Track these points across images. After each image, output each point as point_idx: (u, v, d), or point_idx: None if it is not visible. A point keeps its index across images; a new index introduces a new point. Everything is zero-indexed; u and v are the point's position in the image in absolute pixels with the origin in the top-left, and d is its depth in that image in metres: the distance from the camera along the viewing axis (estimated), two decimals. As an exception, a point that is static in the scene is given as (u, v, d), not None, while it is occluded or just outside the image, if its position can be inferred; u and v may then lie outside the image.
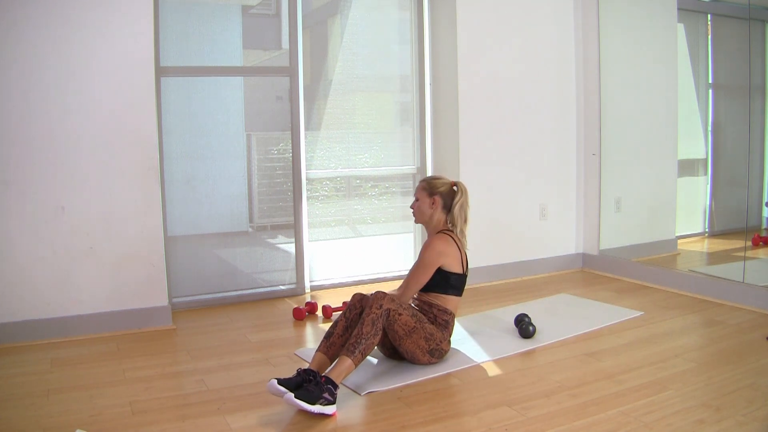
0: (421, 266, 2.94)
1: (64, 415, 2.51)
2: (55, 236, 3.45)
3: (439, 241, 2.96)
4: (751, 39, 4.19)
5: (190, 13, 4.11)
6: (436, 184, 3.07)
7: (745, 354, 3.03)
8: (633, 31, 4.91)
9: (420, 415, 2.46)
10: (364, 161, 4.71)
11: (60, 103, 3.41)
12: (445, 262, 2.94)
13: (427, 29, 4.73)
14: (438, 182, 3.08)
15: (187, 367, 3.06)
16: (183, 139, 4.11)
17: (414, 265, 2.99)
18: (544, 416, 2.43)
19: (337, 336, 2.75)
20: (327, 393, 2.44)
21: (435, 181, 3.08)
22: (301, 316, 3.83)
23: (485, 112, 4.58)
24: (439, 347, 2.91)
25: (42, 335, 3.42)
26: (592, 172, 4.91)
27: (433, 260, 2.93)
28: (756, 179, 4.39)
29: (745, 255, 4.13)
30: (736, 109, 4.70)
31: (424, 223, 3.09)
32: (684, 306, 3.90)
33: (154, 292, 3.67)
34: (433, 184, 3.07)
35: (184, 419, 2.47)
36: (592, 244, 4.95)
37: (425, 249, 2.96)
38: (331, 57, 4.65)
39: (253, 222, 4.50)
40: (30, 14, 3.32)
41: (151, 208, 3.63)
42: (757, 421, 2.33)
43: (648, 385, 2.69)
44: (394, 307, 2.71)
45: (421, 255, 2.96)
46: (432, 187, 3.05)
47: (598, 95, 4.80)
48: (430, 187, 3.06)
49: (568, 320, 3.65)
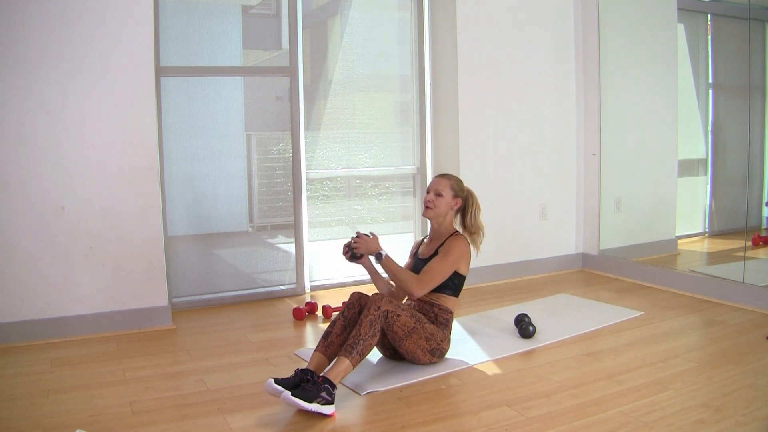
0: (449, 264, 2.92)
1: (64, 415, 2.51)
2: (55, 236, 3.45)
3: (465, 244, 2.98)
4: (751, 39, 4.19)
5: (190, 13, 4.11)
6: (462, 186, 3.08)
7: (745, 354, 3.03)
8: (633, 31, 4.91)
9: (420, 415, 2.46)
10: (364, 161, 4.71)
11: (60, 103, 3.41)
12: (462, 264, 2.96)
13: (427, 29, 4.73)
14: (462, 185, 3.09)
15: (187, 367, 3.06)
16: (183, 139, 4.11)
17: (439, 262, 2.92)
18: (544, 416, 2.43)
19: (335, 335, 2.75)
20: (324, 393, 2.44)
21: (461, 183, 3.09)
22: (301, 316, 3.83)
23: (485, 112, 4.58)
24: (439, 346, 2.91)
25: (42, 335, 3.42)
26: (592, 172, 4.91)
27: (458, 261, 2.94)
28: (756, 179, 4.39)
29: (745, 255, 4.13)
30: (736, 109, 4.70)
31: (437, 219, 3.04)
32: (684, 306, 3.90)
33: (154, 292, 3.67)
34: (460, 185, 3.07)
35: (184, 419, 2.47)
36: (592, 244, 4.95)
37: (454, 249, 2.93)
38: (331, 57, 4.65)
39: (253, 222, 4.50)
40: (30, 14, 3.32)
41: (151, 208, 3.63)
42: (757, 421, 2.33)
43: (648, 385, 2.69)
44: (392, 309, 2.71)
45: (450, 254, 2.92)
46: (459, 188, 3.06)
47: (598, 95, 4.80)
48: (458, 187, 3.06)
49: (568, 320, 3.65)
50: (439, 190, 3.03)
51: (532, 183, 4.80)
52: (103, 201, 3.53)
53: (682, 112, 4.89)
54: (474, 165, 4.53)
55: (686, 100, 4.90)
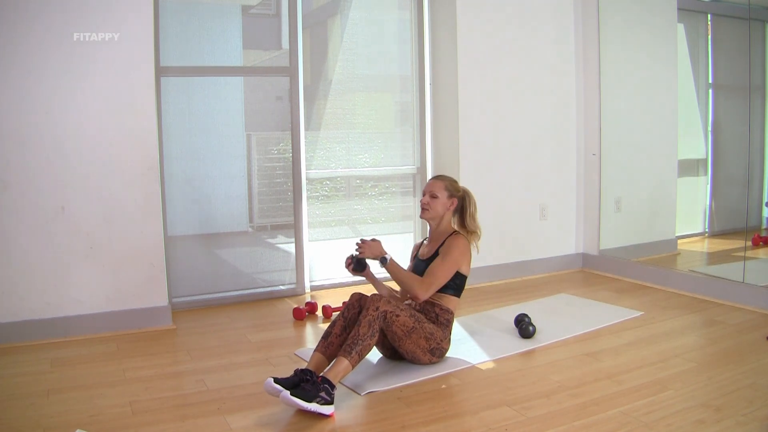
0: (451, 265, 2.93)
1: (64, 415, 2.51)
2: (55, 236, 3.45)
3: (465, 243, 2.98)
4: (751, 39, 4.19)
5: (190, 13, 4.11)
6: (457, 186, 3.10)
7: (745, 354, 3.03)
8: (633, 31, 4.91)
9: (420, 415, 2.46)
10: (364, 161, 4.71)
11: (60, 103, 3.41)
12: (464, 263, 2.97)
13: (427, 29, 4.73)
14: (457, 185, 3.10)
15: (187, 367, 3.06)
16: (183, 139, 4.11)
17: (441, 262, 2.92)
18: (544, 416, 2.43)
19: (335, 336, 2.75)
20: (324, 393, 2.44)
21: (455, 183, 3.10)
22: (301, 316, 3.83)
23: (485, 112, 4.58)
24: (439, 346, 2.91)
25: (42, 335, 3.42)
26: (592, 172, 4.91)
27: (459, 260, 2.95)
28: (756, 179, 4.39)
29: (745, 255, 4.13)
30: (736, 109, 4.70)
31: (434, 220, 3.07)
32: (684, 306, 3.90)
33: (154, 292, 3.67)
34: (455, 185, 3.09)
35: (184, 419, 2.47)
36: (592, 244, 4.95)
37: (454, 248, 2.94)
38: (331, 57, 4.65)
39: (253, 222, 4.50)
40: (30, 14, 3.32)
41: (151, 208, 3.63)
42: (757, 421, 2.33)
43: (648, 385, 2.69)
44: (390, 309, 2.71)
45: (450, 253, 2.93)
46: (454, 189, 3.07)
47: (598, 95, 4.80)
48: (452, 187, 3.07)
49: (568, 320, 3.65)
50: (434, 192, 3.04)
51: (532, 183, 4.80)
52: (103, 201, 3.53)
53: (682, 112, 4.89)
54: (474, 165, 4.53)
55: (686, 100, 4.90)
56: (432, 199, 3.04)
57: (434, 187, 3.06)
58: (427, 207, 3.04)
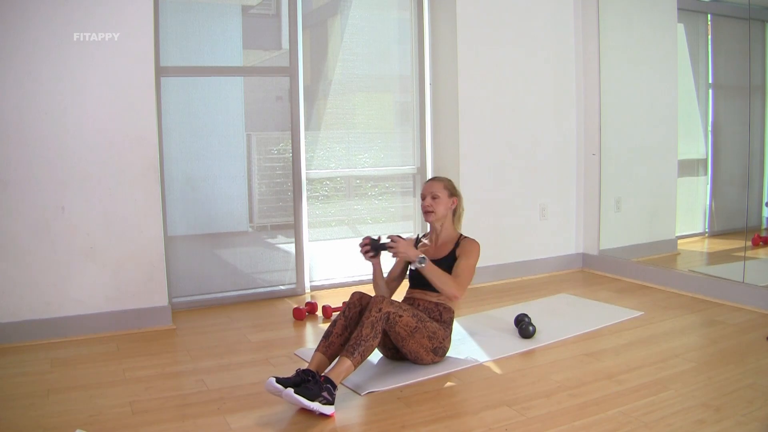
0: (473, 265, 3.00)
1: (64, 415, 2.51)
2: (55, 236, 3.45)
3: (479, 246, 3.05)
4: (751, 39, 4.19)
5: (190, 13, 4.11)
6: (454, 185, 3.15)
7: (745, 354, 3.03)
8: (633, 31, 4.91)
9: (420, 415, 2.46)
10: (364, 161, 4.71)
11: (60, 103, 3.41)
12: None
13: (427, 29, 4.73)
14: (454, 184, 3.16)
15: (187, 367, 3.06)
16: (183, 139, 4.11)
17: (466, 265, 2.97)
18: (544, 416, 2.43)
19: (336, 335, 2.75)
20: (326, 392, 2.44)
21: (453, 183, 3.15)
22: (301, 316, 3.83)
23: (485, 112, 4.58)
24: (442, 345, 2.91)
25: (42, 335, 3.42)
26: (592, 172, 4.91)
27: (477, 261, 3.03)
28: (756, 179, 4.39)
29: (745, 255, 4.13)
30: (736, 109, 4.70)
31: (439, 221, 3.09)
32: (684, 306, 3.90)
33: (154, 292, 3.67)
34: (453, 184, 3.14)
35: (184, 419, 2.47)
36: (592, 244, 4.95)
37: (474, 250, 3.01)
38: (331, 57, 4.65)
39: (253, 222, 4.50)
40: (30, 14, 3.32)
41: (151, 208, 3.63)
42: (757, 421, 2.33)
43: (648, 385, 2.69)
44: (393, 310, 2.71)
45: (471, 255, 3.00)
46: (453, 188, 3.12)
47: (598, 95, 4.80)
48: (452, 187, 3.12)
49: (568, 320, 3.65)
50: (435, 193, 3.06)
51: (532, 183, 4.80)
52: (103, 201, 3.53)
53: (682, 112, 4.89)
54: (474, 165, 4.53)
55: (686, 100, 4.90)
56: (434, 200, 3.06)
57: (434, 188, 3.08)
58: (431, 209, 3.06)
